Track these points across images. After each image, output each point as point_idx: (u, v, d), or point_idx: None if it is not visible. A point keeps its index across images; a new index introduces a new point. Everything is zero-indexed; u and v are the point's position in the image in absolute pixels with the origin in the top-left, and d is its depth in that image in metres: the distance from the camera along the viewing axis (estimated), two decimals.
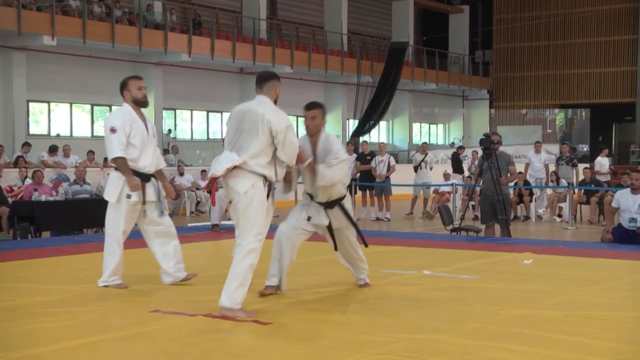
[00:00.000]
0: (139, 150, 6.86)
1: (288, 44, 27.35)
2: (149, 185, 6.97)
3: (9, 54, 20.40)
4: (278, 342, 5.07)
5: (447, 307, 6.18)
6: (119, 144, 6.76)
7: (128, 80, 7.03)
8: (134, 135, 6.84)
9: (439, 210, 13.15)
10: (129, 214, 6.87)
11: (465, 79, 35.92)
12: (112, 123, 6.82)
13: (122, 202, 6.83)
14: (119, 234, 6.87)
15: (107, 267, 6.90)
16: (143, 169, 6.91)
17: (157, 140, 7.21)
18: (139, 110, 7.01)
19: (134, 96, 6.95)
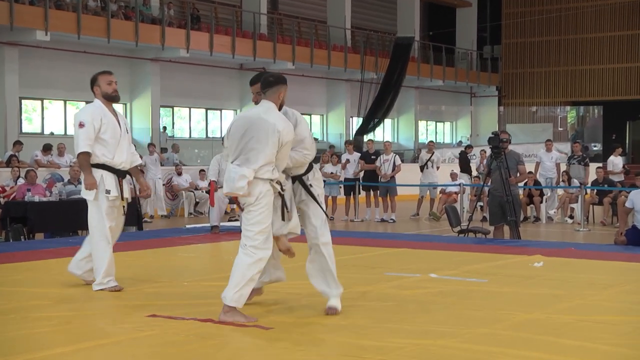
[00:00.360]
0: (112, 145, 6.89)
1: (289, 39, 27.09)
2: (125, 182, 7.05)
3: (0, 50, 20.14)
4: (279, 348, 5.00)
5: (454, 312, 6.11)
6: (85, 139, 6.77)
7: (98, 75, 7.06)
8: (104, 130, 6.85)
9: (446, 211, 13.10)
10: (110, 210, 6.89)
11: (473, 75, 35.63)
12: (81, 118, 6.85)
13: (101, 198, 6.85)
14: (105, 231, 6.87)
15: (99, 268, 6.86)
16: (119, 165, 6.95)
17: (130, 137, 7.22)
18: (110, 105, 7.04)
19: (104, 91, 6.98)
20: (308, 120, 30.45)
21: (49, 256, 9.20)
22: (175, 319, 5.69)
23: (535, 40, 36.68)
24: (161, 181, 19.21)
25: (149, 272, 7.73)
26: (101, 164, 6.85)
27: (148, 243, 10.80)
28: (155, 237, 11.69)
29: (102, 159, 6.83)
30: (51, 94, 21.89)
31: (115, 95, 7.01)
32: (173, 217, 19.09)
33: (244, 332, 5.38)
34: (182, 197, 19.56)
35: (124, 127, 7.03)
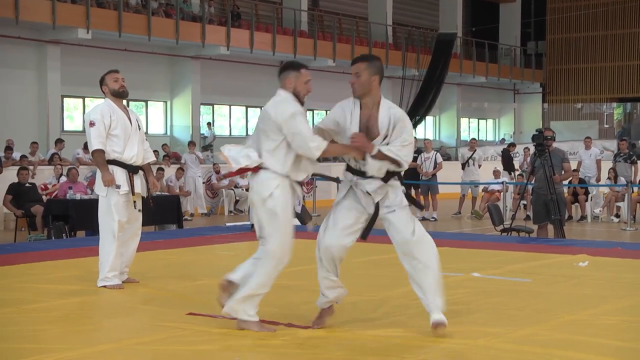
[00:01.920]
0: (122, 141, 7.01)
1: (330, 36, 27.02)
2: (137, 178, 7.12)
3: (43, 48, 20.28)
4: (320, 346, 4.97)
5: (497, 312, 6.03)
6: (97, 136, 6.91)
7: (105, 75, 7.21)
8: (114, 126, 6.98)
9: (488, 210, 12.98)
10: (120, 206, 6.97)
11: (516, 71, 35.19)
12: (91, 117, 7.00)
13: (111, 193, 6.94)
14: (114, 226, 6.92)
15: (104, 263, 6.92)
16: (129, 161, 7.05)
17: (143, 133, 7.32)
18: (121, 102, 7.18)
19: (111, 88, 7.11)
20: None
21: (90, 254, 9.10)
22: (214, 318, 5.68)
23: (580, 36, 36.12)
24: (201, 179, 19.23)
25: (189, 270, 7.75)
26: (111, 159, 7.00)
27: (188, 241, 10.82)
28: (195, 235, 11.69)
29: (112, 155, 6.98)
30: (92, 92, 21.87)
31: (123, 90, 7.13)
32: (213, 215, 19.14)
33: (283, 330, 5.36)
34: (222, 195, 19.62)
35: (135, 123, 7.15)
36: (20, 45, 19.93)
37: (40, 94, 20.31)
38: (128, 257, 7.19)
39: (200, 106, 24.13)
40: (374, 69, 5.40)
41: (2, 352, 4.77)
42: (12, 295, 6.54)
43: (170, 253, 9.42)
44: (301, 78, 5.47)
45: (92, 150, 6.96)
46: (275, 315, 5.69)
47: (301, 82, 5.48)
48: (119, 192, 6.95)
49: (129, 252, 7.18)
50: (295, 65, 5.56)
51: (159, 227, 13.88)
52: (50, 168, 16.44)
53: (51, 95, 20.30)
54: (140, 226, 7.30)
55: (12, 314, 5.84)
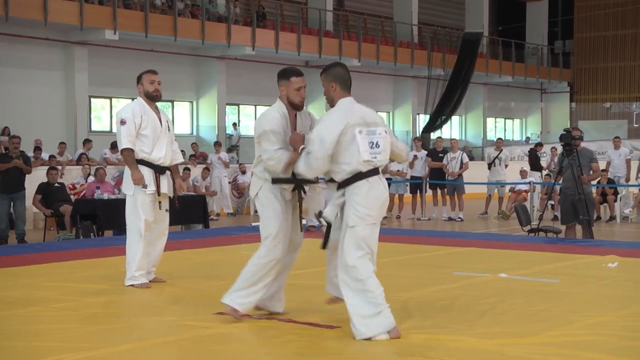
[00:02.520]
0: (151, 141, 7.03)
1: (355, 36, 26.96)
2: (163, 178, 7.13)
3: (70, 49, 20.45)
4: (347, 344, 4.98)
5: (525, 312, 5.94)
6: (127, 135, 6.94)
7: (143, 74, 7.20)
8: (144, 126, 7.00)
9: (515, 210, 12.89)
10: (146, 205, 6.99)
11: (543, 70, 34.94)
12: (122, 115, 7.01)
13: (138, 193, 6.97)
14: (140, 225, 6.96)
15: (131, 262, 6.97)
16: (157, 161, 7.07)
17: (172, 134, 7.33)
18: (153, 103, 7.17)
19: (146, 90, 7.11)
20: None
21: (117, 253, 9.14)
22: (241, 316, 5.65)
23: (609, 34, 35.76)
24: (227, 179, 19.27)
25: (215, 270, 7.76)
26: (139, 159, 7.01)
27: (214, 241, 10.84)
28: (221, 235, 11.71)
29: (141, 155, 7.00)
30: (119, 92, 22.13)
31: (157, 94, 7.11)
32: (239, 215, 19.18)
33: (311, 330, 5.36)
34: (247, 195, 19.60)
35: (165, 124, 7.15)
36: (48, 46, 20.11)
37: (68, 95, 20.48)
38: (155, 257, 7.20)
39: (225, 106, 24.19)
40: (330, 77, 5.43)
41: (30, 350, 4.79)
42: (40, 293, 6.58)
43: (196, 253, 9.45)
44: (291, 86, 5.56)
45: (121, 148, 6.98)
46: (300, 314, 5.69)
47: (292, 90, 5.56)
48: (145, 191, 6.96)
49: (156, 252, 7.18)
50: (286, 73, 5.64)
51: (185, 227, 13.93)
52: (78, 168, 16.54)
53: (79, 95, 20.45)
54: (167, 226, 7.29)
55: (41, 312, 5.87)
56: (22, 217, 13.01)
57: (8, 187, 12.90)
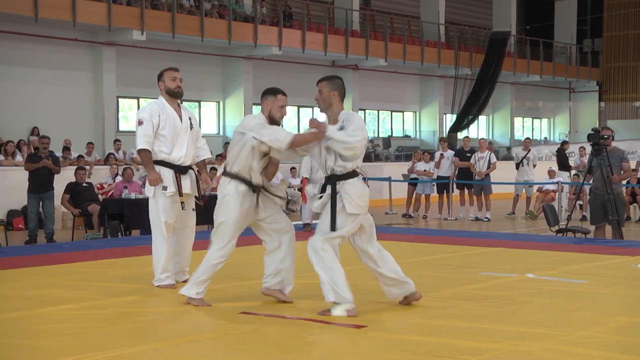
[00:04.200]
0: (170, 141, 6.91)
1: (382, 36, 26.88)
2: (185, 177, 6.99)
3: (98, 50, 20.60)
4: (374, 347, 4.93)
5: (552, 313, 5.90)
6: (143, 136, 6.84)
7: (164, 71, 7.11)
8: (162, 126, 6.89)
9: (543, 210, 12.70)
10: (167, 206, 6.91)
11: (572, 70, 34.66)
12: (140, 116, 6.94)
13: (158, 194, 6.89)
14: (162, 227, 6.90)
15: (157, 265, 6.96)
16: (177, 161, 6.94)
17: (196, 132, 7.20)
18: (174, 101, 7.07)
19: (167, 87, 7.01)
20: (400, 117, 30.16)
21: (144, 253, 9.15)
22: (267, 317, 5.71)
23: (638, 33, 35.40)
24: None
25: (241, 270, 7.77)
26: (159, 160, 6.88)
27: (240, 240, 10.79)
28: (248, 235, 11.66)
29: (160, 155, 6.89)
30: (147, 92, 22.22)
31: (178, 91, 7.00)
32: None
33: (337, 330, 5.35)
34: None
35: (186, 122, 7.00)
36: (77, 47, 20.28)
37: (96, 95, 20.63)
38: (185, 257, 7.14)
39: (252, 106, 24.24)
40: (333, 86, 5.98)
41: (57, 348, 4.81)
42: (68, 292, 6.62)
43: None
44: (277, 102, 6.10)
45: (138, 149, 6.90)
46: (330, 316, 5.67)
47: (276, 106, 6.10)
48: (165, 193, 6.86)
49: (185, 252, 7.13)
50: (274, 90, 6.19)
51: (212, 226, 13.96)
52: (106, 168, 16.68)
53: (106, 96, 20.59)
54: (194, 225, 7.20)
55: (69, 311, 5.91)
56: (51, 216, 13.13)
57: (37, 187, 13.02)
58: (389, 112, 29.80)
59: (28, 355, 4.72)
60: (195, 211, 7.18)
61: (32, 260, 8.63)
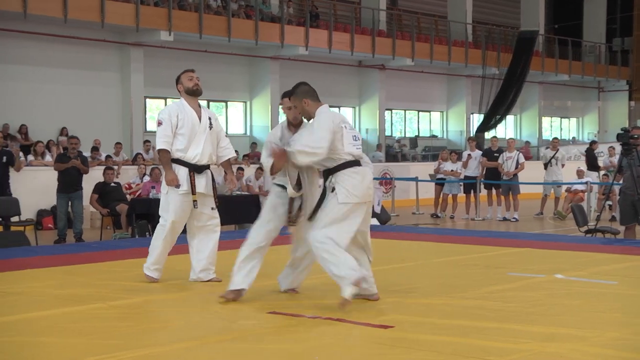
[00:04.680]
0: (187, 139, 6.99)
1: (409, 35, 26.80)
2: (200, 177, 7.04)
3: (126, 50, 20.74)
4: (400, 347, 4.92)
5: (581, 314, 5.84)
6: (162, 136, 6.99)
7: (180, 75, 7.27)
8: (181, 125, 6.99)
9: (572, 210, 12.66)
10: (179, 205, 7.00)
11: (601, 69, 34.32)
12: (159, 116, 7.10)
13: (172, 192, 6.99)
14: (167, 223, 7.03)
15: (151, 254, 7.15)
16: (192, 160, 7.01)
17: (217, 132, 7.22)
18: (194, 101, 7.18)
19: (186, 86, 7.15)
20: (427, 117, 30.05)
21: (172, 252, 9.32)
22: (294, 316, 5.71)
23: None
24: None
25: (268, 269, 7.69)
26: (175, 158, 6.99)
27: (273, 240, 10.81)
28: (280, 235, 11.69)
29: (176, 154, 6.98)
30: (174, 92, 21.87)
31: (197, 89, 7.13)
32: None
33: (363, 330, 5.32)
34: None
35: (205, 121, 7.05)
36: (105, 47, 20.43)
37: (123, 95, 20.77)
38: (209, 255, 7.18)
39: (279, 106, 24.21)
40: (300, 96, 6.10)
41: (87, 347, 4.84)
42: (97, 291, 6.66)
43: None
44: (283, 107, 6.36)
45: (157, 149, 7.04)
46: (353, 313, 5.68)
47: (285, 109, 6.32)
48: (178, 191, 6.95)
49: (208, 251, 7.16)
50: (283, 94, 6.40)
51: (239, 226, 14.01)
52: (134, 168, 16.75)
53: (134, 96, 20.72)
54: (218, 223, 7.23)
55: (97, 310, 5.95)
56: (79, 216, 13.22)
57: (66, 187, 13.12)
58: (416, 112, 29.70)
59: (57, 353, 4.76)
60: (216, 210, 7.18)
61: (61, 259, 8.70)
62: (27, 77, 19.29)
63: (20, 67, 19.20)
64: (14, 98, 19.02)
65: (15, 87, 19.07)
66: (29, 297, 6.44)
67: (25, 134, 18.63)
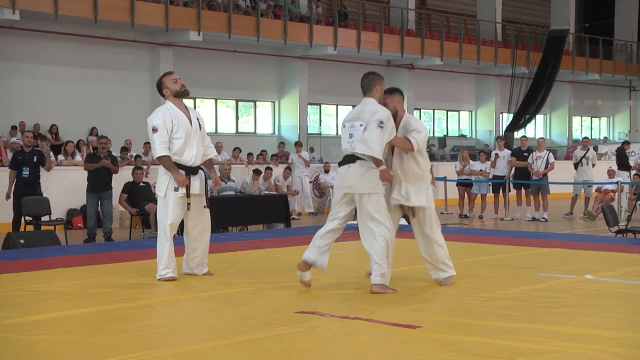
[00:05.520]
0: (183, 143, 7.08)
1: (438, 35, 26.71)
2: (195, 178, 7.19)
3: (156, 51, 20.87)
4: (428, 347, 4.89)
5: (612, 315, 5.80)
6: (161, 142, 7.02)
7: (162, 78, 7.26)
8: (176, 130, 7.06)
9: (602, 210, 12.52)
10: (176, 207, 7.11)
11: (632, 68, 33.96)
12: (153, 123, 7.07)
13: (169, 195, 7.09)
14: (166, 226, 7.12)
15: (159, 261, 7.20)
16: (188, 162, 7.14)
17: (204, 131, 7.34)
18: (181, 103, 7.25)
19: (173, 90, 7.17)
20: (456, 116, 29.92)
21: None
22: (322, 316, 5.70)
23: None
24: (308, 179, 19.34)
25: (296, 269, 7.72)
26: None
27: (295, 240, 10.84)
28: (303, 235, 11.71)
29: (173, 159, 7.06)
30: (203, 92, 22.48)
31: (184, 90, 7.18)
32: (320, 215, 19.20)
33: (391, 330, 5.31)
34: (329, 195, 19.60)
35: (195, 123, 7.15)
36: (135, 48, 20.59)
37: (153, 96, 20.76)
38: (203, 252, 7.37)
39: (307, 106, 24.29)
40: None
41: (115, 346, 4.87)
42: (126, 291, 6.69)
43: (278, 252, 9.47)
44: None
45: (158, 156, 7.04)
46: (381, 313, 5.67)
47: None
48: (176, 194, 7.05)
49: (201, 248, 7.34)
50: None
51: (267, 226, 14.03)
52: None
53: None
54: (209, 222, 7.39)
55: (126, 309, 5.98)
56: (109, 215, 13.33)
57: (96, 187, 13.22)
58: (445, 112, 29.60)
59: (86, 351, 4.79)
60: (207, 209, 7.34)
61: (91, 258, 8.76)
62: (57, 78, 19.50)
63: (51, 68, 19.41)
64: (44, 98, 19.23)
65: (46, 87, 19.29)
66: (60, 296, 6.49)
67: (56, 134, 18.82)
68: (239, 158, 19.33)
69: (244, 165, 18.80)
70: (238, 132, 23.41)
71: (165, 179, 7.08)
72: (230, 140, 21.22)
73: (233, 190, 14.25)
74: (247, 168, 18.35)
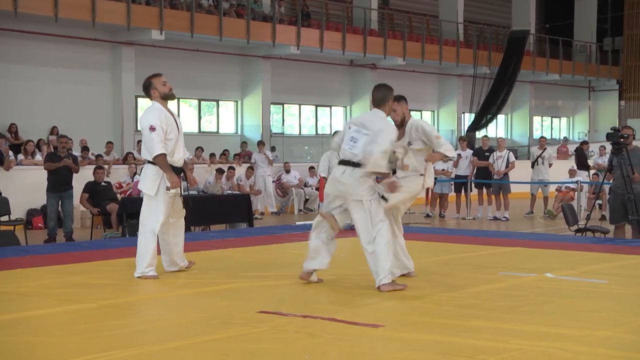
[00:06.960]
0: (174, 144, 7.21)
1: (400, 35, 26.81)
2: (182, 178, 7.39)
3: (118, 49, 20.68)
4: (390, 347, 4.94)
5: (572, 313, 5.88)
6: (159, 141, 7.08)
7: (151, 79, 7.29)
8: (169, 131, 7.17)
9: (562, 210, 12.67)
10: (166, 206, 7.21)
11: (592, 68, 34.40)
12: (151, 122, 7.10)
13: (160, 194, 7.16)
14: (156, 225, 7.19)
15: (142, 258, 7.22)
16: (177, 163, 7.27)
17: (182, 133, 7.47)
18: (166, 104, 7.33)
19: (162, 92, 7.24)
20: (419, 116, 30.08)
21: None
22: (284, 316, 5.70)
23: None
24: (271, 178, 19.32)
25: (259, 268, 7.78)
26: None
27: (258, 240, 10.85)
28: (266, 234, 11.72)
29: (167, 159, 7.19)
30: None
31: (172, 93, 7.32)
32: (283, 214, 19.22)
33: (353, 329, 5.33)
34: (291, 194, 19.65)
35: (180, 124, 7.33)
36: (96, 46, 20.36)
37: (115, 95, 20.68)
38: (181, 248, 7.56)
39: (270, 105, 24.24)
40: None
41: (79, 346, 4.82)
42: (88, 291, 6.63)
43: (240, 251, 9.45)
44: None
45: (156, 154, 7.07)
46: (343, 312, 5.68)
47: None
48: (168, 193, 7.17)
49: (180, 244, 7.53)
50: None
51: (230, 225, 14.00)
52: (125, 167, 16.71)
53: (125, 95, 20.62)
54: (183, 219, 7.55)
55: (88, 309, 5.94)
56: (70, 215, 13.20)
57: (57, 186, 13.10)
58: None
59: (50, 352, 4.75)
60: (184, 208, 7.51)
61: (52, 259, 8.68)
62: (17, 76, 19.22)
63: (10, 66, 19.12)
64: (3, 96, 18.94)
65: (4, 85, 19.00)
66: (21, 297, 6.42)
67: (15, 133, 18.56)
68: (201, 157, 19.27)
69: (207, 165, 18.74)
70: (201, 131, 23.27)
71: (156, 179, 7.14)
72: (193, 139, 21.08)
73: (195, 190, 14.20)
74: (210, 168, 18.29)
